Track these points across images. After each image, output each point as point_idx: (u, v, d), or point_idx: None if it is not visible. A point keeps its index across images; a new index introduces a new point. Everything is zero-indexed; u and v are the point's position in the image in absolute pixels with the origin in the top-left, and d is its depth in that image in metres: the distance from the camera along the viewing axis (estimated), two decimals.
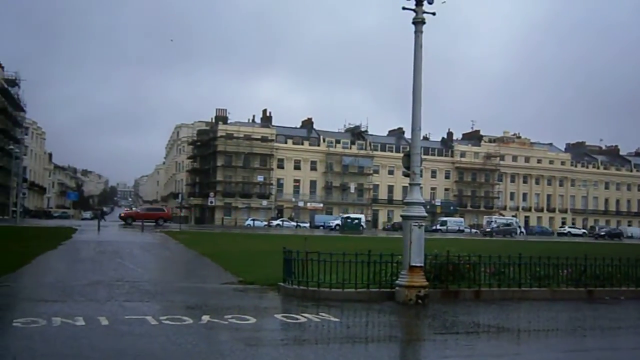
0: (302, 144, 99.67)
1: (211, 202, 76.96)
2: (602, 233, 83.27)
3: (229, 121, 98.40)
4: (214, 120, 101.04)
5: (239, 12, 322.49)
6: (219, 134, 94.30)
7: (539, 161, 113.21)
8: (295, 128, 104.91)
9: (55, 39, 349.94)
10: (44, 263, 19.08)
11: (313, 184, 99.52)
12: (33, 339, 8.26)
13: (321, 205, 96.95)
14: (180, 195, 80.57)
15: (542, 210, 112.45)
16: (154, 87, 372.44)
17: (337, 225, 73.05)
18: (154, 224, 56.44)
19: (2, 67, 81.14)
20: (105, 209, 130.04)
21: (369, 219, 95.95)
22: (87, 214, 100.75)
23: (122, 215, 65.30)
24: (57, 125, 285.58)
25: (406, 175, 13.79)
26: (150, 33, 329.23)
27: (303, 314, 10.96)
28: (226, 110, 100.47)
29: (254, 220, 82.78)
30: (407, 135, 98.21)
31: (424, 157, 15.78)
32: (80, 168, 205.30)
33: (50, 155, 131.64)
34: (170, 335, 8.80)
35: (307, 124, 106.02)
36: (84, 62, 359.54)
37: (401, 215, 14.30)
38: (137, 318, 9.93)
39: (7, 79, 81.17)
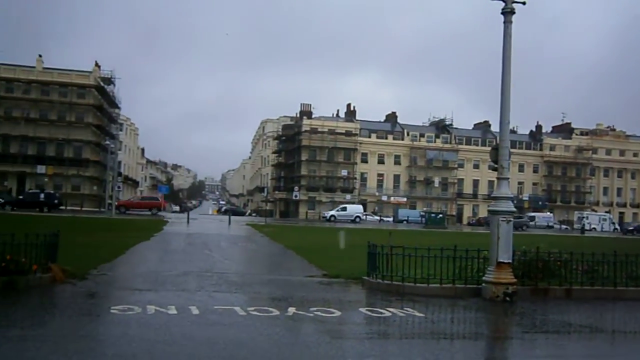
0: (386, 138, 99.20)
1: (296, 196, 77.89)
2: None
3: (313, 116, 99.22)
4: (298, 115, 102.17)
5: (330, 11, 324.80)
6: (304, 128, 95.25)
7: (635, 154, 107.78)
8: (379, 122, 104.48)
9: (154, 39, 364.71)
10: (137, 254, 19.93)
11: (397, 178, 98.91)
12: (129, 325, 8.65)
13: (405, 199, 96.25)
14: (265, 189, 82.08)
15: (638, 206, 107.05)
16: (246, 84, 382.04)
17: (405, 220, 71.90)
18: (149, 212, 59.65)
19: (99, 66, 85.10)
20: (191, 203, 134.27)
21: (453, 213, 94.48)
22: (177, 207, 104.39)
23: (116, 204, 67.27)
24: (152, 122, 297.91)
25: (493, 169, 13.48)
26: (244, 32, 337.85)
27: (387, 308, 10.94)
28: (311, 105, 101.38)
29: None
30: (493, 128, 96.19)
31: (511, 150, 15.40)
32: (170, 163, 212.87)
33: (142, 150, 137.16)
34: (258, 326, 9.01)
35: (391, 118, 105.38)
36: (180, 61, 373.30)
37: (488, 210, 14.00)
38: (226, 308, 10.22)
39: (103, 77, 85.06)
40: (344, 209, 77.20)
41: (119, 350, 7.31)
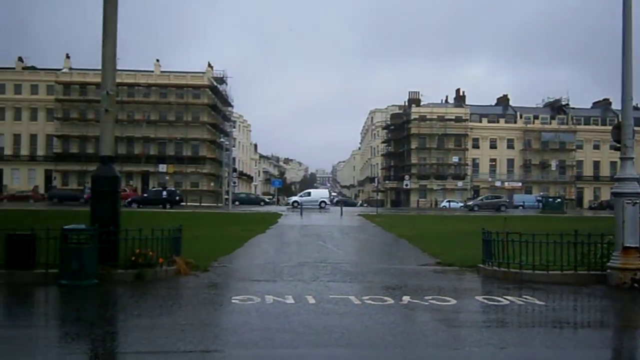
0: (498, 121, 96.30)
1: (406, 185, 77.41)
2: None
3: (421, 103, 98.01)
4: (406, 104, 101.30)
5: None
6: (412, 116, 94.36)
7: None
8: (490, 106, 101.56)
9: (268, 38, 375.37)
10: (255, 246, 20.59)
11: (510, 162, 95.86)
12: (250, 314, 8.99)
13: (520, 184, 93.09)
14: (375, 179, 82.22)
15: None
16: (356, 77, 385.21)
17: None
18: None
19: (212, 67, 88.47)
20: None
21: (572, 197, 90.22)
22: (290, 200, 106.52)
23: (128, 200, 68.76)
24: (264, 118, 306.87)
25: (616, 149, 12.78)
26: (356, 26, 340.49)
27: (505, 297, 10.68)
28: (419, 92, 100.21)
29: (449, 201, 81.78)
30: (615, 106, 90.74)
31: (635, 128, 14.35)
32: (282, 157, 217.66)
33: (255, 145, 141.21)
34: (373, 315, 9.07)
35: (503, 101, 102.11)
36: (293, 58, 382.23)
37: (612, 193, 13.28)
38: (341, 297, 10.37)
39: (216, 77, 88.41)
40: (308, 194, 71.58)
41: (241, 338, 7.62)
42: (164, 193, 60.21)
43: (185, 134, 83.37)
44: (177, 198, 60.57)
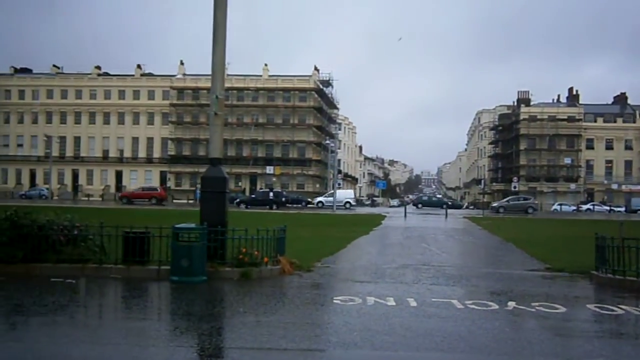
0: (615, 121, 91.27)
1: (514, 187, 74.98)
2: None
3: (531, 103, 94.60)
4: (515, 104, 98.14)
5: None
6: (522, 116, 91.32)
7: None
8: (606, 105, 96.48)
9: (374, 44, 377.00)
10: (358, 247, 20.66)
11: (628, 164, 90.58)
12: (350, 315, 9.04)
13: (639, 187, 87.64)
14: (482, 181, 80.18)
15: None
16: (462, 77, 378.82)
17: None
18: (148, 201, 61.96)
19: (318, 70, 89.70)
20: (408, 197, 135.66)
21: None
22: (395, 202, 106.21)
23: (120, 195, 70.23)
24: (370, 120, 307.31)
25: None
26: (464, 27, 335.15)
27: (619, 306, 10.11)
28: (528, 92, 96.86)
29: (561, 205, 78.40)
30: None
31: None
32: (387, 158, 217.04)
33: (360, 147, 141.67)
34: (476, 320, 8.87)
35: (620, 100, 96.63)
36: (400, 61, 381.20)
37: None
38: (443, 301, 10.21)
39: (322, 80, 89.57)
40: (332, 194, 69.64)
41: (341, 338, 7.68)
42: (271, 194, 61.66)
43: (291, 136, 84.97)
44: (283, 199, 61.85)
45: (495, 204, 66.62)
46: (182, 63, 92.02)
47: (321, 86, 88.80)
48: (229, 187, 14.23)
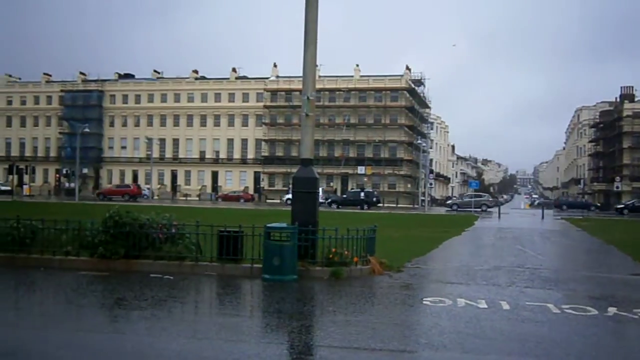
0: None
1: (617, 187, 71.38)
2: None
3: (636, 99, 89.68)
4: (618, 100, 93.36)
5: None
6: (625, 113, 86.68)
7: None
8: None
9: (471, 43, 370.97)
10: (449, 248, 20.35)
11: None
12: (440, 316, 8.94)
13: None
14: (581, 181, 76.85)
15: None
16: (561, 75, 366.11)
17: None
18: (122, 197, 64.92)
19: (409, 69, 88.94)
20: (502, 197, 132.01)
21: None
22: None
23: (97, 192, 74.96)
24: (465, 119, 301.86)
25: None
26: (562, 25, 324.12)
27: None
28: (632, 87, 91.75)
29: None
30: None
31: None
32: (480, 158, 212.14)
33: (453, 147, 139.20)
34: (573, 325, 8.55)
35: None
36: (496, 60, 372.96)
37: None
38: (538, 305, 9.90)
39: (414, 79, 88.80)
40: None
41: (430, 340, 7.61)
42: (362, 194, 61.74)
43: (383, 136, 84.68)
44: (375, 199, 61.77)
45: (448, 202, 67.29)
46: (275, 65, 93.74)
47: (413, 85, 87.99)
48: (319, 187, 14.38)
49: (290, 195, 28.82)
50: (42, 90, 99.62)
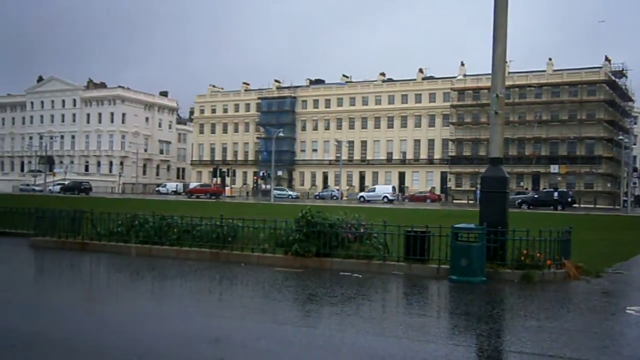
0: None
1: None
2: None
3: None
4: None
5: None
6: None
7: None
8: None
9: None
10: None
11: None
12: None
13: None
14: None
15: None
16: None
17: None
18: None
19: (609, 60, 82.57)
20: None
21: None
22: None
23: (186, 191, 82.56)
24: None
25: None
26: None
27: None
28: None
29: None
30: None
31: None
32: None
33: None
34: None
35: None
36: None
37: None
38: None
39: (614, 71, 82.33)
40: (373, 190, 77.62)
41: (635, 353, 7.07)
42: (555, 194, 58.49)
43: (578, 132, 79.53)
44: (569, 199, 58.21)
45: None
46: (462, 64, 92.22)
47: (613, 77, 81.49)
48: (509, 187, 13.92)
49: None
50: (242, 98, 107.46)
